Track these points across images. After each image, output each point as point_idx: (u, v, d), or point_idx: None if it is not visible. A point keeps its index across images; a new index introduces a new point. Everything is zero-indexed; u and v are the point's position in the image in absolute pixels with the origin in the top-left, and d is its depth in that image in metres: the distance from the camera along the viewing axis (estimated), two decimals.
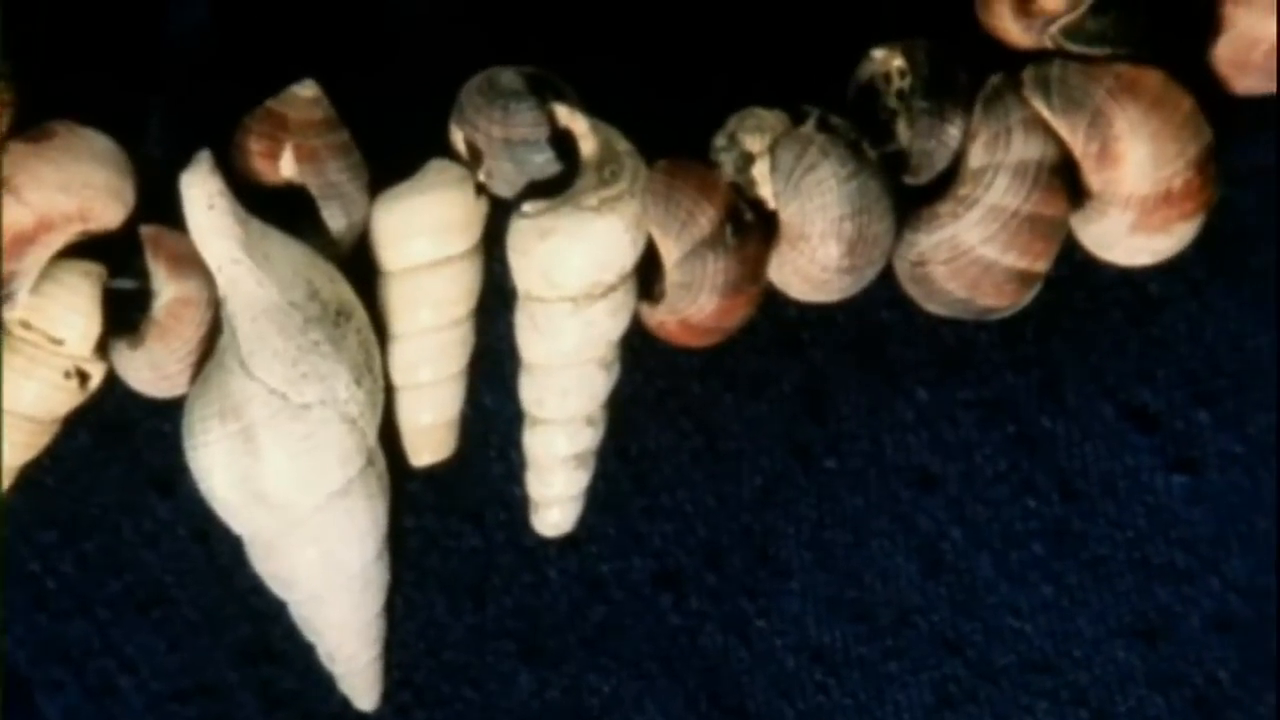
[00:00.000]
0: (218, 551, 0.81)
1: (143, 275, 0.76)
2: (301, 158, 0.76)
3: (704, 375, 0.81)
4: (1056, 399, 0.82)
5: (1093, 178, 0.76)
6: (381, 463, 0.78)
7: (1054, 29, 0.77)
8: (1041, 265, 0.77)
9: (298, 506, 0.76)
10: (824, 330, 0.81)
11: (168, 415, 0.79)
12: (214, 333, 0.76)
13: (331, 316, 0.75)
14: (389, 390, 0.78)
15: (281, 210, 0.76)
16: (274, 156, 0.76)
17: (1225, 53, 0.78)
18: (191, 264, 0.75)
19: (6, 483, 0.78)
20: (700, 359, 0.81)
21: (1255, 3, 0.76)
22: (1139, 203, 0.76)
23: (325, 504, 0.76)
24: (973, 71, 0.77)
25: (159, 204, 0.76)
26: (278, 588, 0.78)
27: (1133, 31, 0.77)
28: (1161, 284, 0.81)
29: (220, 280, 0.75)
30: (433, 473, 0.81)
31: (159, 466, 0.81)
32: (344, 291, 0.76)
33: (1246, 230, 0.81)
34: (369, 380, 0.76)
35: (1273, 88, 0.78)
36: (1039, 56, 0.77)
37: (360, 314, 0.77)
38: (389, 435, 0.79)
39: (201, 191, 0.74)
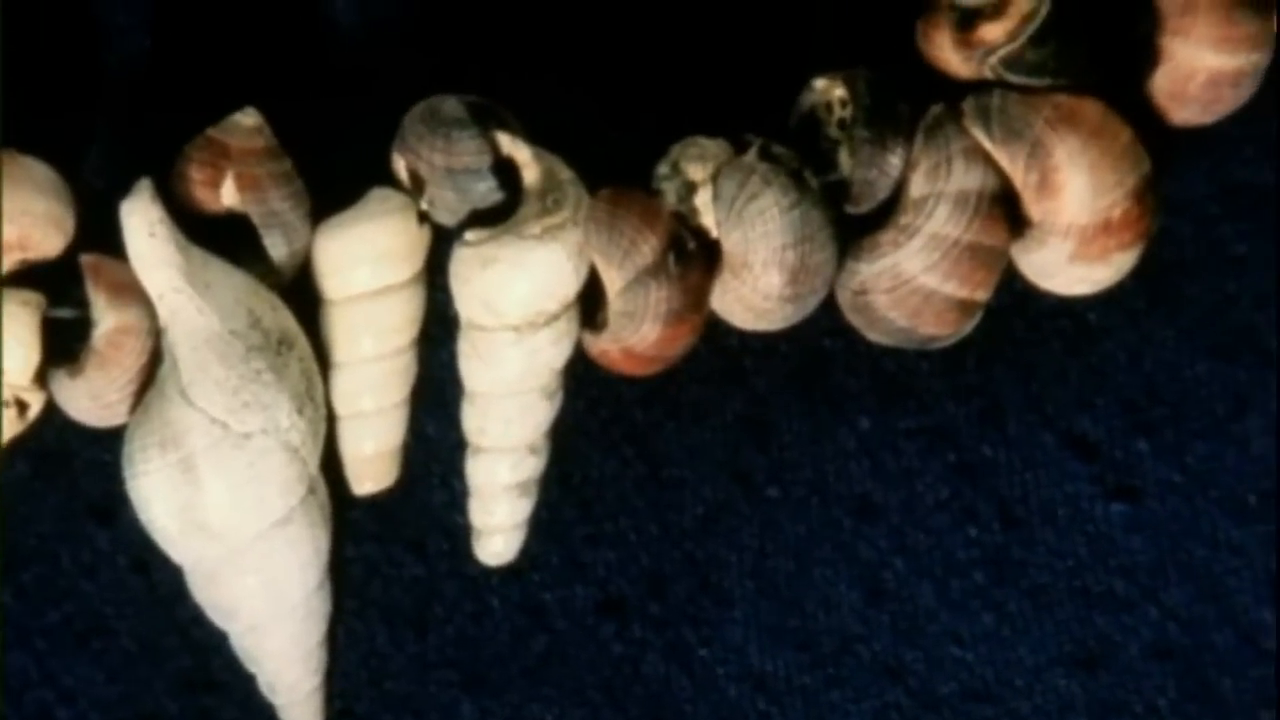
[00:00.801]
0: (158, 582, 0.80)
1: (83, 304, 0.75)
2: (243, 186, 0.75)
3: (647, 403, 0.81)
4: (997, 427, 0.81)
5: (1033, 207, 0.76)
6: (323, 491, 0.77)
7: (994, 59, 0.77)
8: (982, 294, 0.77)
9: (239, 536, 0.75)
10: (766, 359, 0.81)
11: (107, 445, 0.78)
12: (154, 362, 0.75)
13: (273, 345, 0.75)
14: (331, 419, 0.78)
15: (223, 238, 0.76)
16: (215, 185, 0.76)
17: (1163, 84, 0.78)
18: (132, 292, 0.74)
19: None
20: (643, 387, 0.80)
21: (1192, 35, 0.76)
22: (1078, 232, 0.76)
23: (266, 533, 0.75)
24: (914, 101, 0.77)
25: (99, 232, 0.76)
26: (218, 618, 0.77)
27: (1072, 62, 0.77)
28: (1101, 313, 0.81)
29: (161, 309, 0.74)
30: (375, 501, 0.80)
31: (98, 496, 0.80)
32: (286, 320, 0.76)
33: (1184, 260, 0.82)
34: (311, 409, 0.76)
35: (1209, 119, 0.78)
36: (979, 87, 0.77)
37: (302, 343, 0.76)
38: (331, 464, 0.78)
39: (142, 220, 0.73)
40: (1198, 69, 0.77)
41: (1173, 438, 0.82)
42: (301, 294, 0.77)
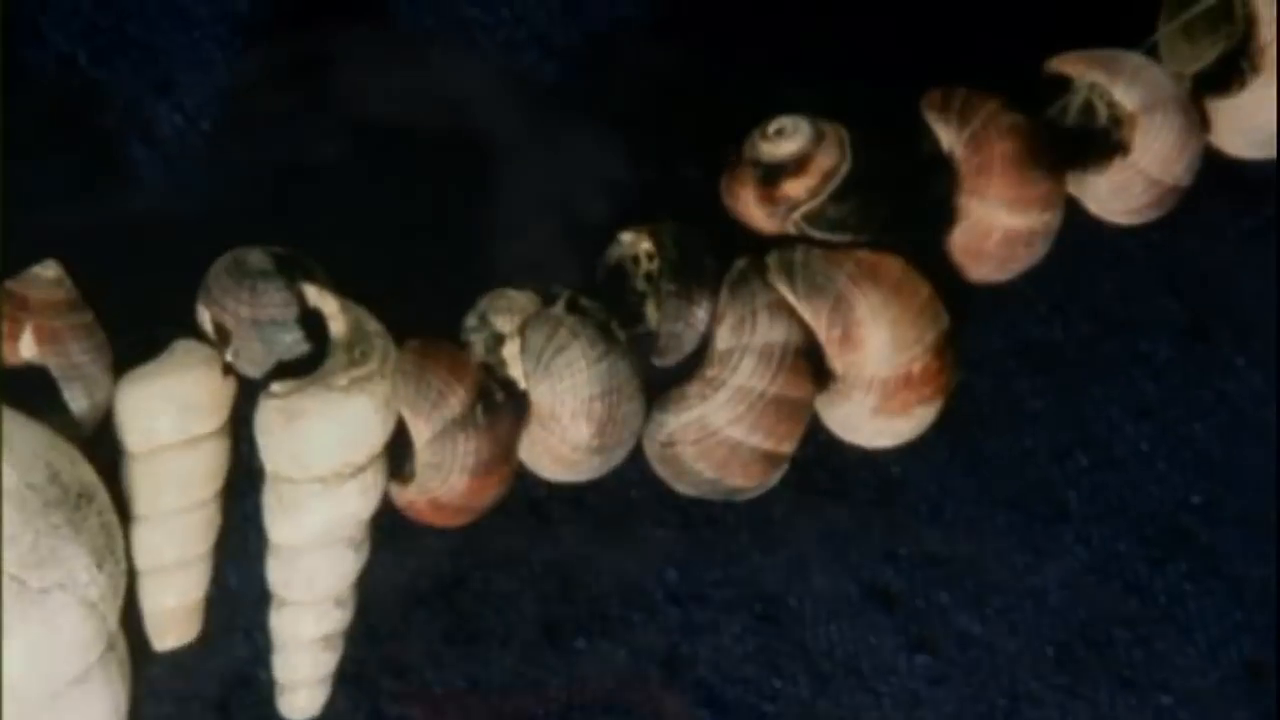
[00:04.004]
0: None
1: None
2: (42, 339, 0.72)
3: (455, 554, 0.79)
4: (803, 579, 0.80)
5: (836, 361, 0.75)
6: (123, 647, 0.73)
7: (796, 215, 0.76)
8: (787, 446, 0.75)
9: (33, 695, 0.70)
10: (574, 509, 0.79)
11: None
12: None
13: (72, 499, 0.71)
14: (132, 573, 0.74)
15: (22, 391, 0.72)
16: (14, 337, 0.72)
17: (961, 241, 0.77)
18: None
19: None
20: (451, 538, 0.78)
21: (988, 195, 0.76)
22: (880, 386, 0.75)
23: (63, 692, 0.71)
24: (719, 255, 0.76)
25: None
26: None
27: (872, 219, 0.76)
28: (903, 466, 0.80)
29: None
30: (176, 657, 0.76)
31: None
32: (85, 473, 0.72)
33: (983, 415, 0.81)
34: (111, 563, 0.72)
35: (1005, 276, 0.78)
36: (784, 241, 0.76)
37: (102, 496, 0.72)
38: (131, 618, 0.74)
39: None
40: (993, 227, 0.76)
41: (973, 589, 0.81)
42: (103, 446, 0.73)
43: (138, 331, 0.74)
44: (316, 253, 0.75)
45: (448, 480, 0.73)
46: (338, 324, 0.73)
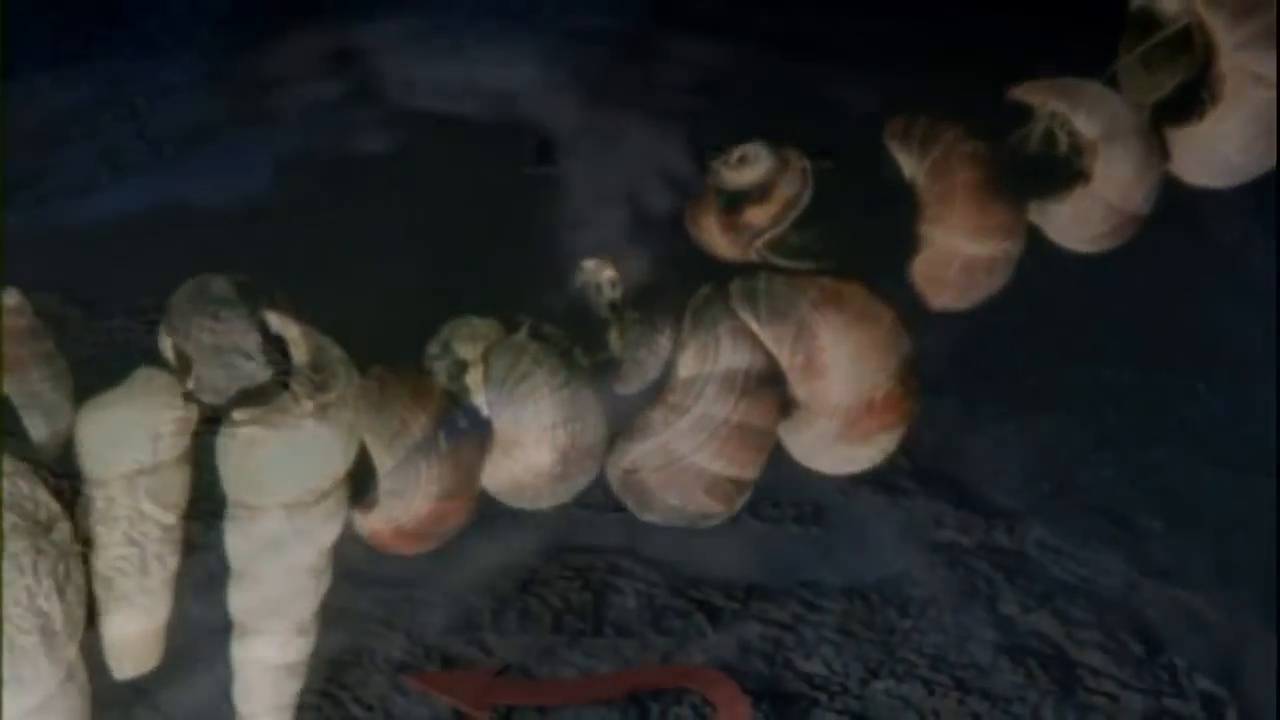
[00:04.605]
0: None
1: None
2: (4, 366, 0.71)
3: (416, 584, 0.78)
4: (765, 599, 0.80)
5: (799, 388, 0.74)
6: (82, 676, 0.72)
7: (759, 243, 0.75)
8: (750, 473, 0.74)
9: None
10: (541, 533, 0.78)
11: None
12: None
13: (31, 527, 0.70)
14: (92, 600, 0.72)
15: None
16: None
17: (922, 269, 0.76)
18: None
19: None
20: (413, 567, 0.77)
21: (950, 223, 0.75)
22: (843, 413, 0.74)
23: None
24: (683, 282, 0.75)
25: None
26: None
27: (835, 247, 0.75)
28: (871, 487, 0.80)
29: None
30: (137, 685, 0.74)
31: None
32: (46, 501, 0.71)
33: (949, 439, 0.81)
34: (71, 591, 0.71)
35: (966, 304, 0.77)
36: (747, 268, 0.75)
37: (63, 524, 0.71)
38: (92, 646, 0.73)
39: None
40: (955, 255, 0.76)
41: (936, 614, 0.80)
42: (65, 473, 0.72)
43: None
44: (284, 282, 0.74)
45: (410, 507, 0.72)
46: (300, 351, 0.72)
